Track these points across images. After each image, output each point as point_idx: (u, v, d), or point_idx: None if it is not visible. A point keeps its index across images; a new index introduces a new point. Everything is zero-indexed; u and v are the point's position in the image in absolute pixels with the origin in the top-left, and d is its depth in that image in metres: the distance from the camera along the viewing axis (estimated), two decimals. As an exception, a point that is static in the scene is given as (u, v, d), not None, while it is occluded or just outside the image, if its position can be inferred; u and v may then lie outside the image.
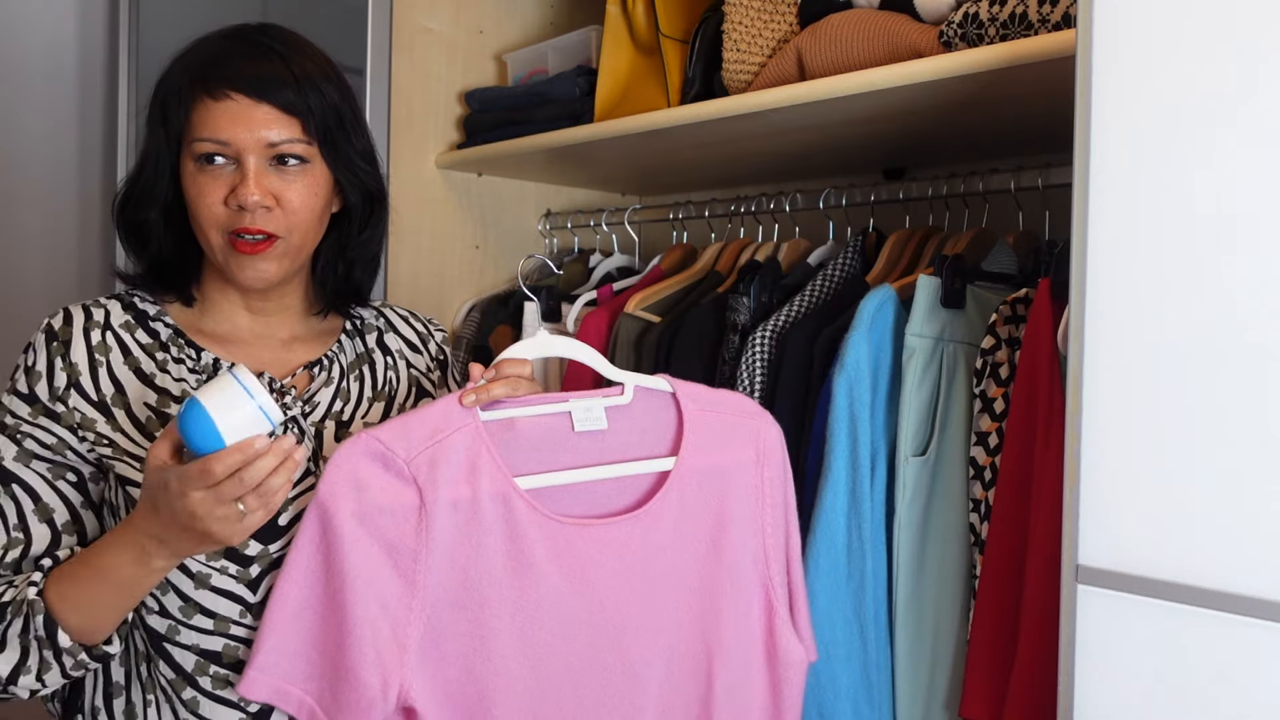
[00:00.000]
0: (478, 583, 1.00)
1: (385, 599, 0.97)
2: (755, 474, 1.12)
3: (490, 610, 1.00)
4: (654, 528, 1.07)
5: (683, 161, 1.82)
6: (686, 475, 1.09)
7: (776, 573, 1.13)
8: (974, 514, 1.24)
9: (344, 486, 0.97)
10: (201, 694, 0.99)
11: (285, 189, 1.02)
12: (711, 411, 1.12)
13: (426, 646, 0.98)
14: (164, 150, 1.03)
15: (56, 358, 1.02)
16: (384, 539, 0.97)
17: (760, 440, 1.13)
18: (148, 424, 1.01)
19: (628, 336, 1.60)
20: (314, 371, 1.12)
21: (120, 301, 1.08)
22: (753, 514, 1.12)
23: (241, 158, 1.00)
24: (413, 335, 1.24)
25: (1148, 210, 0.89)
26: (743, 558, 1.11)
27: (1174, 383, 0.88)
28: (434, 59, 1.93)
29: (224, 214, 1.01)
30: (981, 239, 1.47)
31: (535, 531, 1.01)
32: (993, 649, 1.17)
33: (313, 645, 0.97)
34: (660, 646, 1.06)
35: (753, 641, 1.12)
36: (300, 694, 0.97)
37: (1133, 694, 0.90)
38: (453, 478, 0.99)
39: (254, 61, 1.01)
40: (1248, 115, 0.84)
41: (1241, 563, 0.84)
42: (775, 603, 1.12)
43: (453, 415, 1.02)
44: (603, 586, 1.04)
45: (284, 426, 0.90)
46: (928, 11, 1.29)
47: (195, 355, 1.06)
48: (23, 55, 1.92)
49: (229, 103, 0.99)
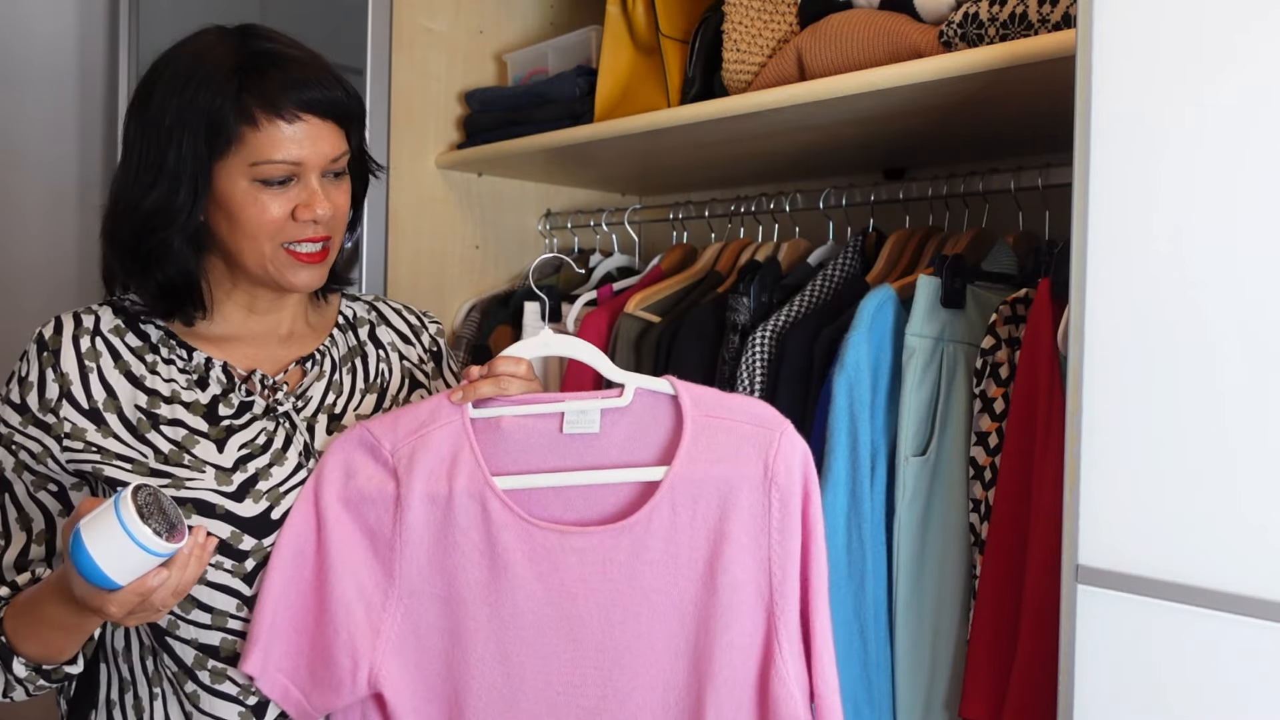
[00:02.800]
0: (454, 579, 1.00)
1: (362, 583, 0.99)
2: (760, 493, 0.99)
3: (466, 610, 1.00)
4: (642, 541, 0.99)
5: (683, 161, 1.82)
6: (679, 486, 1.00)
7: (784, 612, 0.98)
8: (974, 514, 1.24)
9: (334, 472, 1.02)
10: (201, 688, 1.01)
11: (337, 198, 1.05)
12: (718, 418, 1.02)
13: (405, 635, 1.00)
14: (204, 168, 1.00)
15: (47, 368, 1.02)
16: (365, 525, 1.01)
17: (771, 454, 0.99)
18: (139, 425, 1.02)
19: (628, 336, 1.60)
20: (306, 366, 1.12)
21: (111, 306, 1.08)
22: (755, 539, 0.99)
23: (304, 175, 1.02)
24: (404, 327, 1.24)
25: (1147, 210, 0.89)
26: (743, 587, 0.98)
27: (1174, 383, 0.87)
28: (434, 59, 1.93)
29: (283, 227, 1.02)
30: (981, 239, 1.47)
31: (511, 533, 1.00)
32: (993, 649, 1.17)
33: (292, 624, 1.00)
34: (649, 673, 0.99)
35: (744, 686, 0.98)
36: (283, 679, 1.00)
37: (1133, 694, 0.90)
38: (431, 471, 1.01)
39: (310, 75, 1.01)
40: (1247, 115, 0.84)
41: (1241, 563, 0.84)
42: (776, 649, 0.98)
43: (440, 411, 1.03)
44: (584, 600, 0.99)
45: (183, 530, 0.87)
46: (928, 11, 1.29)
47: (186, 355, 1.07)
48: (23, 56, 1.92)
49: (301, 124, 1.00)
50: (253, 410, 1.06)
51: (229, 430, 1.04)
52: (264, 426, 1.06)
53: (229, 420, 1.05)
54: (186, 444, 1.02)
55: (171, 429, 1.02)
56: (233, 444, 1.03)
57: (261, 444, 1.05)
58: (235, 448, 1.03)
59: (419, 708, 1.00)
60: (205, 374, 1.06)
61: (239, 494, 1.01)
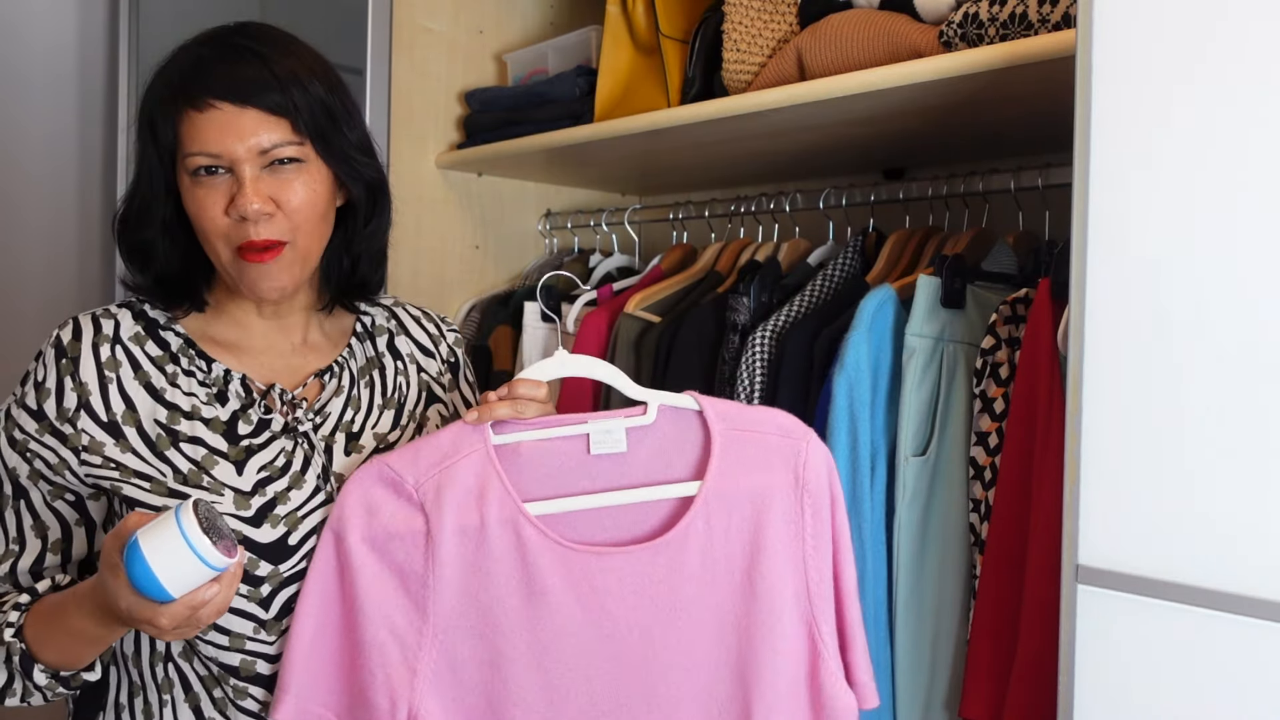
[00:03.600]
0: (490, 610, 0.98)
1: (395, 623, 0.97)
2: (793, 500, 1.02)
3: (505, 639, 0.98)
4: (679, 557, 1.00)
5: (683, 161, 1.82)
6: (714, 500, 1.01)
7: (822, 611, 1.02)
8: (974, 514, 1.24)
9: (355, 511, 0.99)
10: (228, 699, 1.01)
11: (284, 191, 0.99)
12: (744, 430, 1.04)
13: (442, 671, 0.98)
14: (157, 167, 1.00)
15: (66, 376, 1.00)
16: (394, 563, 0.98)
17: (800, 463, 1.03)
18: (158, 442, 1.00)
19: (628, 337, 1.60)
20: (324, 380, 1.10)
21: (130, 310, 1.06)
22: (791, 545, 1.02)
23: (235, 167, 0.97)
24: (424, 338, 1.22)
25: (1147, 210, 0.89)
26: (782, 593, 1.01)
27: (1174, 382, 0.87)
28: (434, 59, 1.93)
29: (227, 226, 0.98)
30: (981, 239, 1.47)
31: (547, 559, 0.98)
32: (993, 649, 1.17)
33: (333, 665, 0.98)
34: (693, 687, 1.00)
35: (795, 686, 1.01)
36: (322, 711, 0.98)
37: (1133, 694, 0.90)
38: (460, 503, 0.99)
39: (232, 65, 0.98)
40: (1247, 116, 0.84)
41: (1241, 563, 0.84)
42: (820, 646, 1.01)
43: (462, 440, 1.01)
44: (625, 620, 0.99)
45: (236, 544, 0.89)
46: (928, 11, 1.29)
47: (206, 366, 1.05)
48: (23, 58, 1.92)
49: (214, 112, 0.96)
50: (271, 428, 1.04)
51: (248, 451, 1.02)
52: (282, 446, 1.04)
53: (248, 440, 1.03)
54: (206, 464, 1.00)
55: (191, 447, 1.00)
56: (252, 466, 1.01)
57: (280, 466, 1.02)
58: (254, 470, 1.01)
59: None
60: (224, 387, 1.04)
61: (257, 519, 0.99)
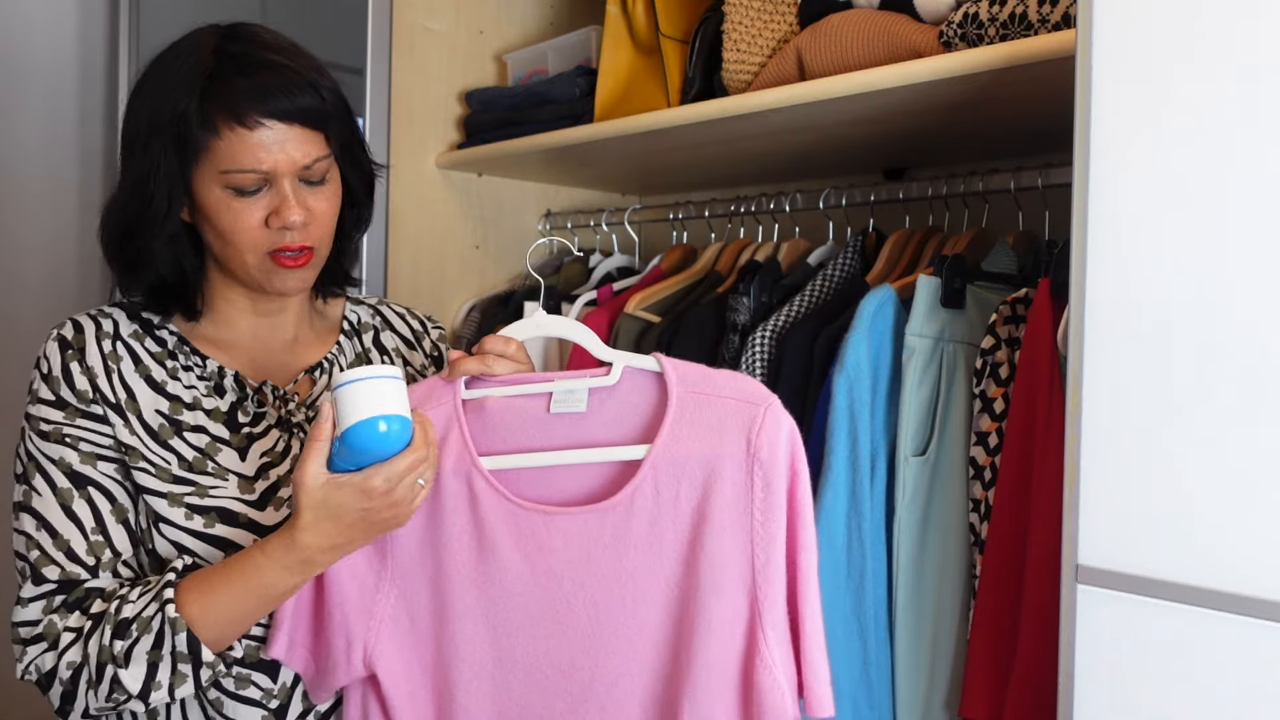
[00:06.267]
0: (443, 561, 1.00)
1: (355, 565, 1.00)
2: (743, 470, 0.95)
3: (455, 593, 0.99)
4: (625, 523, 0.96)
5: (683, 161, 1.82)
6: (662, 465, 0.97)
7: (768, 597, 0.94)
8: (974, 514, 1.24)
9: None
10: (225, 694, 1.01)
11: (315, 202, 1.02)
12: (702, 394, 0.98)
13: (400, 616, 1.01)
14: (176, 178, 0.99)
15: (72, 362, 1.01)
16: None
17: (754, 429, 0.95)
18: (160, 431, 1.01)
19: (628, 337, 1.60)
20: (315, 376, 1.13)
21: (125, 311, 1.08)
22: (738, 519, 0.94)
23: (276, 181, 0.99)
24: (408, 332, 1.25)
25: (1147, 210, 0.89)
26: (722, 569, 0.94)
27: (1174, 382, 0.87)
28: (434, 59, 1.93)
29: (264, 236, 1.00)
30: (981, 239, 1.47)
31: (497, 513, 0.99)
32: (993, 649, 1.17)
33: (307, 604, 1.01)
34: (637, 659, 0.97)
35: (724, 678, 0.94)
36: (301, 650, 1.01)
37: (1133, 694, 0.90)
38: None
39: (277, 81, 0.98)
40: (1247, 116, 0.84)
41: (1241, 563, 0.84)
42: (760, 637, 0.93)
43: (434, 392, 1.04)
44: (570, 582, 0.97)
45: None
46: (928, 12, 1.29)
47: (201, 362, 1.07)
48: (23, 55, 1.92)
49: (264, 131, 0.97)
50: (266, 420, 1.07)
51: (249, 438, 1.05)
52: (279, 435, 1.07)
53: (248, 428, 1.05)
54: (210, 451, 1.02)
55: (195, 435, 1.03)
56: (254, 451, 1.04)
57: (280, 451, 1.06)
58: (257, 455, 1.04)
59: (413, 691, 1.01)
60: (220, 381, 1.07)
61: (260, 502, 1.01)
